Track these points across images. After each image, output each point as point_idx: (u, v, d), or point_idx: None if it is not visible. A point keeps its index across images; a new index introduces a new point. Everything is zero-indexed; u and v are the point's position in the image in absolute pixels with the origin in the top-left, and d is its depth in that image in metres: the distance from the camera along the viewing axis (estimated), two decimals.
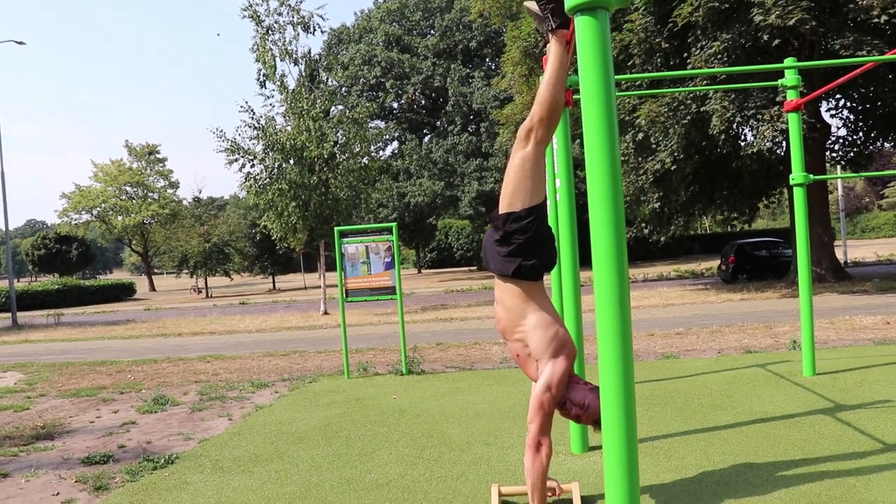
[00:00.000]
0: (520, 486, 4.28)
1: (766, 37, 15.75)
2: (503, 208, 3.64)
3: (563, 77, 3.54)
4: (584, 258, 5.35)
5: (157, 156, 67.10)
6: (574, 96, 5.55)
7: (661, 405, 6.49)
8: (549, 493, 4.09)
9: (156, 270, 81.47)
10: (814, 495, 4.00)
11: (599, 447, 5.20)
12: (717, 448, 5.03)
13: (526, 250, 3.61)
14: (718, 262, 27.14)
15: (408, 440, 5.87)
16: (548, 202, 5.14)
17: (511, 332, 3.74)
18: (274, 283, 55.30)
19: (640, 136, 18.86)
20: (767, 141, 16.47)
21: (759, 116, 16.30)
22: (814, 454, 4.74)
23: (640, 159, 19.97)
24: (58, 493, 5.02)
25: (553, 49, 3.53)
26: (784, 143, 17.63)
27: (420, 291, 33.01)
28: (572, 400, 3.66)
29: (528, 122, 3.58)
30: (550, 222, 5.13)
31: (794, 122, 7.29)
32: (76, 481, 5.27)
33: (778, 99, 15.87)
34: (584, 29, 2.47)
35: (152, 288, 66.66)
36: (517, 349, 3.73)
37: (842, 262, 21.93)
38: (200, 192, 58.28)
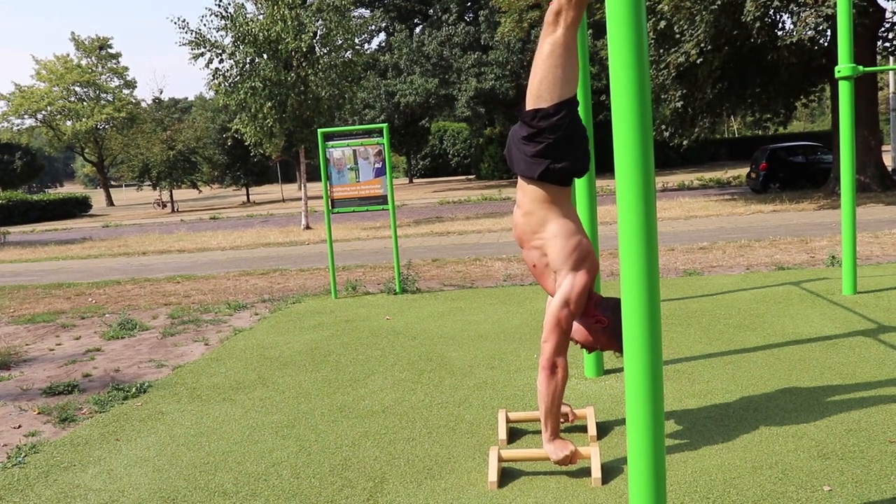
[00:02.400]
0: (529, 411, 4.37)
1: None
2: (530, 103, 3.62)
3: None
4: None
5: (110, 51, 65.83)
6: None
7: (683, 325, 6.58)
8: (562, 419, 4.18)
9: (113, 182, 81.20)
10: (852, 422, 4.10)
11: (615, 371, 5.31)
12: (745, 371, 5.13)
13: (556, 151, 3.59)
14: (748, 169, 27.03)
15: (404, 364, 5.97)
16: None
17: (529, 240, 3.76)
18: (248, 195, 55.13)
19: (662, 24, 18.44)
20: (809, 29, 16.15)
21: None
22: (853, 378, 4.84)
23: (661, 51, 19.59)
24: (20, 426, 5.12)
25: None
26: (829, 32, 17.30)
27: (412, 203, 33.01)
28: (591, 314, 3.71)
29: (555, 3, 3.52)
30: None
31: (842, 5, 7.11)
32: (39, 413, 5.37)
33: None
34: None
35: (110, 202, 66.48)
36: (534, 258, 3.76)
37: (889, 168, 21.83)
38: (161, 93, 57.08)
